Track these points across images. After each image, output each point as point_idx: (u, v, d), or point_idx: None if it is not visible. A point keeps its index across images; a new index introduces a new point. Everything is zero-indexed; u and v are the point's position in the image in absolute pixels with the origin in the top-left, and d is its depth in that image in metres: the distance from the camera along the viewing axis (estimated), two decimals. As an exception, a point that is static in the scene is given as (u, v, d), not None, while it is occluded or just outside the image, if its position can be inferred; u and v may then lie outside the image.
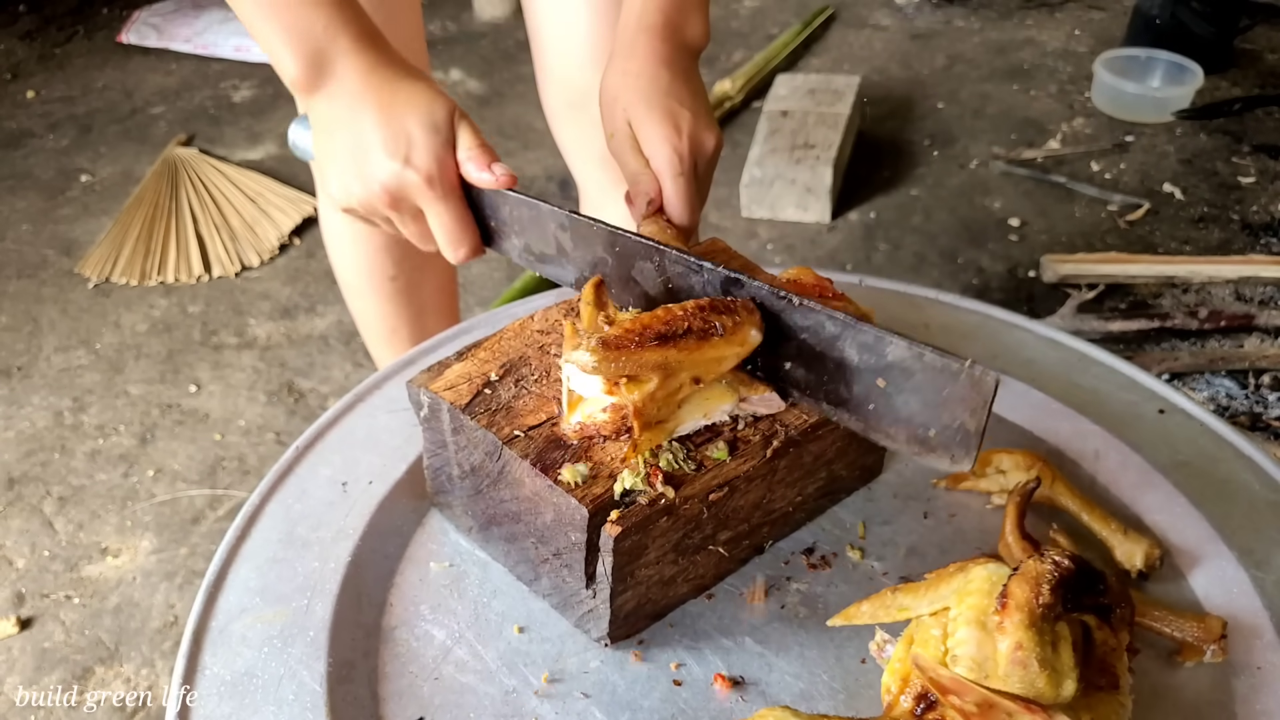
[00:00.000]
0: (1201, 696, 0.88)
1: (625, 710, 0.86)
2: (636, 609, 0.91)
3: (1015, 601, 0.76)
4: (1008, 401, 1.18)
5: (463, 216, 1.03)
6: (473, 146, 1.01)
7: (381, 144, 0.99)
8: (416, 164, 0.99)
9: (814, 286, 0.97)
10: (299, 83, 1.02)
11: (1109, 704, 0.77)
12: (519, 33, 4.13)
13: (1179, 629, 0.90)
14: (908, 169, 3.24)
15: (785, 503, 0.99)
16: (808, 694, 0.88)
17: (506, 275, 2.82)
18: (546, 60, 1.54)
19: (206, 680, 0.88)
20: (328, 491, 1.05)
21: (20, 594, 1.97)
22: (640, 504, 0.84)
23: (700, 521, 0.90)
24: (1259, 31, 3.94)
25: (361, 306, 1.81)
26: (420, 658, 0.91)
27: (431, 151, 0.99)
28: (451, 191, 1.02)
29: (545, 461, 0.87)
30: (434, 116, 0.99)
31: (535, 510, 0.89)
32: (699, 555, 0.93)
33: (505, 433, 0.89)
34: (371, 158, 1.00)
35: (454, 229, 1.03)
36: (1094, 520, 1.00)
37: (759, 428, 0.92)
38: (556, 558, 0.90)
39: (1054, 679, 0.74)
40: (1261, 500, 1.04)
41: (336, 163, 1.04)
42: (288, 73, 1.01)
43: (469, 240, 1.05)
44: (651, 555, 0.88)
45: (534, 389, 0.94)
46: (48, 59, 4.00)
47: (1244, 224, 2.95)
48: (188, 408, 2.40)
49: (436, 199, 1.01)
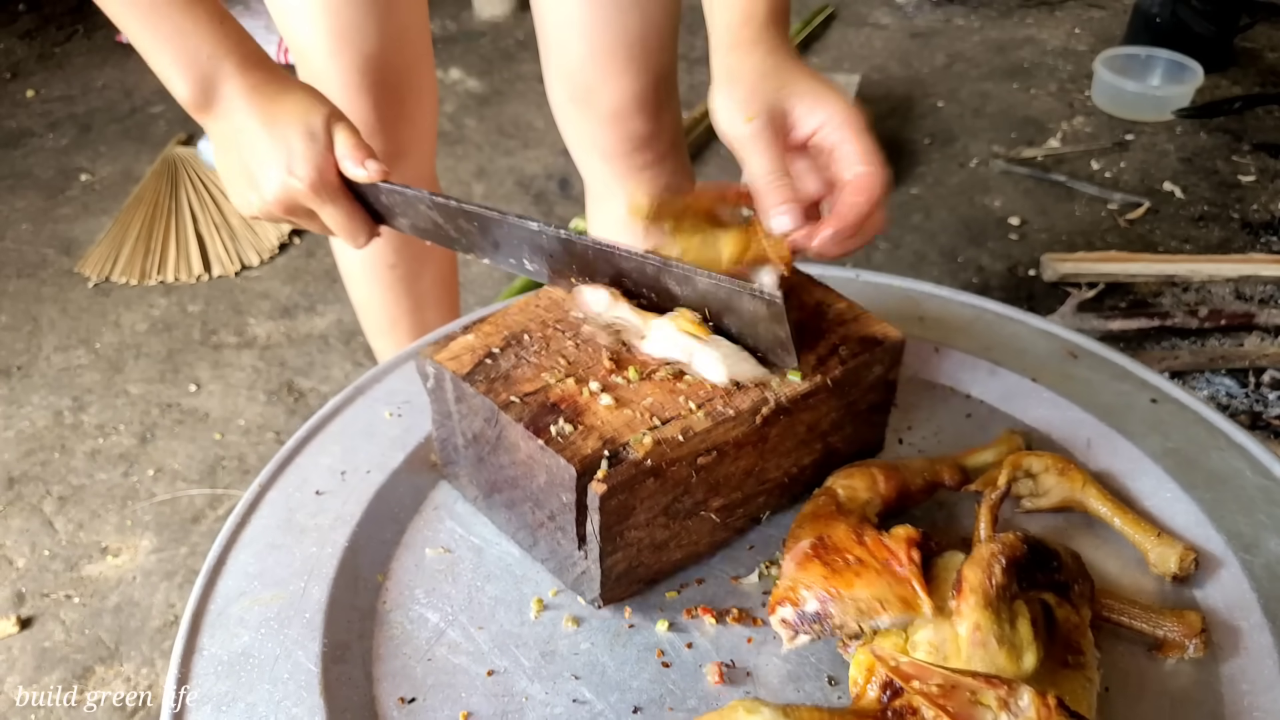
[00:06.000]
0: (1188, 679, 0.88)
1: (615, 691, 0.87)
2: (628, 571, 0.93)
3: (969, 585, 0.78)
4: (1001, 392, 1.19)
5: (350, 210, 1.10)
6: (348, 146, 1.06)
7: (266, 158, 1.06)
8: (298, 173, 1.04)
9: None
10: (190, 105, 1.07)
11: (1076, 680, 0.79)
12: (519, 32, 4.15)
13: (1158, 626, 0.90)
14: (908, 168, 3.24)
15: (780, 473, 1.00)
16: (795, 675, 0.89)
17: (506, 275, 2.83)
18: (550, 55, 1.55)
19: (204, 660, 0.89)
20: (327, 480, 1.07)
21: (20, 593, 1.97)
22: (628, 461, 0.86)
23: (689, 485, 0.91)
24: (1259, 30, 3.95)
25: (362, 296, 1.82)
26: (414, 639, 0.92)
27: (310, 159, 1.05)
28: (335, 191, 1.08)
29: (538, 425, 0.89)
30: (310, 125, 1.05)
31: (530, 474, 0.91)
32: (691, 521, 0.94)
33: (502, 399, 0.92)
34: (260, 172, 1.07)
35: (345, 223, 1.10)
36: (1126, 524, 0.99)
37: (749, 395, 0.93)
38: (551, 520, 0.92)
39: (1014, 654, 0.76)
40: (1251, 486, 1.05)
41: (233, 179, 1.11)
42: (180, 96, 1.07)
43: (362, 229, 1.12)
44: (640, 517, 0.89)
45: (532, 359, 0.96)
46: (47, 58, 4.01)
47: (1244, 223, 2.96)
48: (188, 407, 2.41)
49: (323, 201, 1.07)
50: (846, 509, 0.93)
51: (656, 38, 1.48)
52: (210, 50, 1.04)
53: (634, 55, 1.47)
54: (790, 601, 0.84)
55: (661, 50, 1.50)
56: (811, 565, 0.85)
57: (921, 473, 1.01)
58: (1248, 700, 0.86)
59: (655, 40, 1.47)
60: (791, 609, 0.84)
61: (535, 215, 3.04)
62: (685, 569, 0.99)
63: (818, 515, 0.92)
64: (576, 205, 2.98)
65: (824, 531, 0.88)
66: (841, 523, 0.89)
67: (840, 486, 0.97)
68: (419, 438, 1.11)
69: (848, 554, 0.85)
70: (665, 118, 1.56)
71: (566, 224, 2.94)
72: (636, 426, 0.89)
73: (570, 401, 0.91)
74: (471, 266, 2.85)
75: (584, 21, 1.46)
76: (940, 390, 1.21)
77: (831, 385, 0.97)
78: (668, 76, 1.55)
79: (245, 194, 1.10)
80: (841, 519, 0.90)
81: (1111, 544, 1.01)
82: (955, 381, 1.21)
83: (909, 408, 1.17)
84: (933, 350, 1.23)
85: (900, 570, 0.82)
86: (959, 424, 1.16)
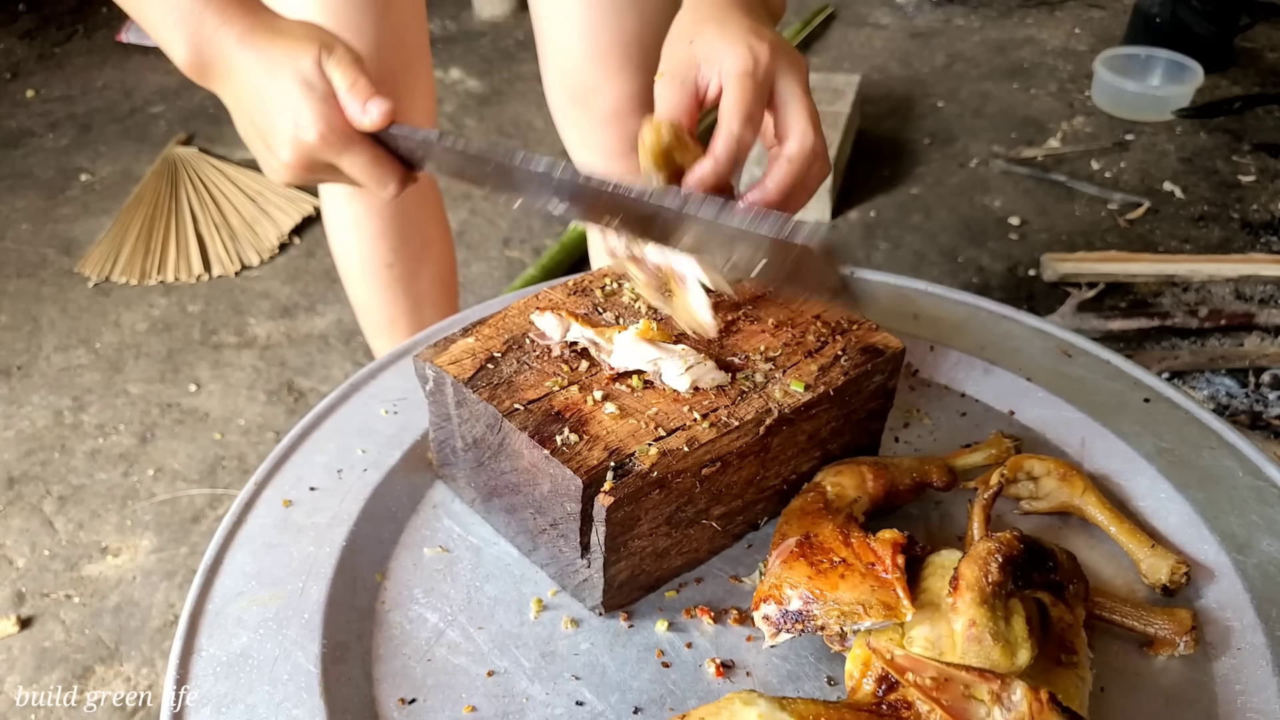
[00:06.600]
0: (1182, 678, 0.89)
1: (615, 691, 0.88)
2: (630, 579, 0.93)
3: (965, 581, 0.78)
4: (997, 390, 1.19)
5: (373, 157, 1.01)
6: (347, 89, 0.98)
7: (272, 117, 0.98)
8: (306, 127, 0.97)
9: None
10: (192, 71, 1.01)
11: (1069, 678, 0.80)
12: (518, 31, 4.15)
13: (1149, 623, 0.91)
14: (908, 168, 3.25)
15: (779, 480, 1.00)
16: (794, 675, 0.89)
17: (506, 274, 2.83)
18: (548, 56, 1.56)
19: (203, 661, 0.89)
20: (323, 478, 1.06)
21: (20, 593, 1.98)
22: (634, 473, 0.86)
23: (693, 495, 0.91)
24: (1259, 30, 3.95)
25: (360, 294, 1.82)
26: (413, 640, 0.92)
27: (314, 109, 0.97)
28: (349, 139, 0.99)
29: (543, 434, 0.88)
30: (304, 72, 0.97)
31: (533, 481, 0.91)
32: (692, 529, 0.95)
33: (505, 406, 0.91)
34: (272, 135, 1.00)
35: (370, 171, 1.01)
36: (1121, 533, 1.00)
37: (752, 405, 0.93)
38: (553, 528, 0.91)
39: (1008, 650, 0.76)
40: (1244, 486, 1.05)
41: (255, 147, 1.04)
42: (180, 62, 1.01)
43: (391, 176, 1.03)
44: (644, 527, 0.89)
45: (535, 364, 0.96)
46: (47, 58, 4.01)
47: (1244, 222, 2.96)
48: (187, 407, 2.41)
49: (340, 152, 0.99)
50: (834, 507, 0.94)
51: (654, 38, 1.48)
52: (191, 3, 0.98)
53: (632, 55, 1.48)
54: (774, 599, 0.85)
55: (659, 50, 1.50)
56: (797, 564, 0.85)
57: (910, 472, 1.01)
58: (1241, 700, 0.86)
59: (653, 40, 1.48)
60: (775, 607, 0.84)
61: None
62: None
63: (805, 512, 0.92)
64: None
65: (811, 529, 0.88)
66: (828, 522, 0.89)
67: (829, 484, 0.97)
68: (415, 435, 1.11)
69: (833, 555, 0.85)
70: (663, 118, 1.57)
71: (566, 223, 2.95)
72: (641, 437, 0.89)
73: (574, 410, 0.91)
74: (471, 266, 2.85)
75: (582, 22, 1.46)
76: (935, 388, 1.21)
77: (833, 395, 0.97)
78: (666, 77, 1.55)
79: (267, 160, 1.03)
80: (829, 518, 0.90)
81: (1105, 544, 1.01)
82: (950, 380, 1.21)
83: (904, 406, 1.18)
84: (928, 349, 1.23)
85: (884, 575, 0.83)
86: (953, 422, 1.17)
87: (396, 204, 1.69)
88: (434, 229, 1.82)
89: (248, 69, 0.99)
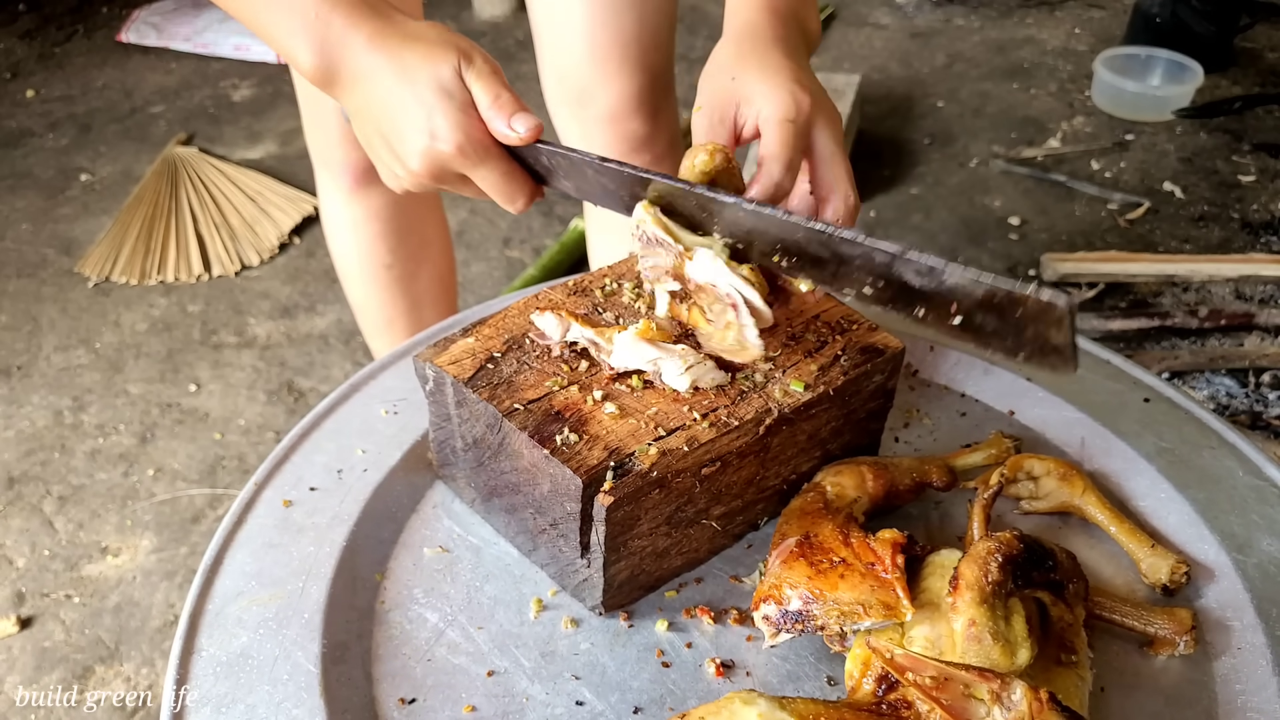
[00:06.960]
0: (1182, 677, 0.89)
1: (615, 691, 0.88)
2: (630, 579, 0.93)
3: (965, 581, 0.79)
4: (996, 390, 1.19)
5: (506, 171, 0.99)
6: (490, 103, 0.96)
7: (404, 126, 0.97)
8: (442, 137, 0.95)
9: None
10: (318, 78, 0.99)
11: (1069, 677, 0.80)
12: (518, 32, 4.15)
13: (1149, 623, 0.91)
14: (908, 168, 3.25)
15: (779, 480, 1.00)
16: (794, 675, 0.89)
17: (506, 274, 2.83)
18: (546, 56, 1.56)
19: (203, 661, 0.89)
20: (323, 478, 1.06)
21: (20, 593, 1.98)
22: (634, 473, 0.86)
23: (693, 495, 0.91)
24: (1259, 30, 3.95)
25: (359, 295, 1.82)
26: (413, 640, 0.92)
27: (451, 119, 0.94)
28: (486, 152, 0.97)
29: (543, 434, 0.88)
30: (442, 81, 0.94)
31: (533, 481, 0.91)
32: (692, 529, 0.95)
33: (505, 406, 0.91)
34: (401, 143, 0.98)
35: (501, 185, 1.00)
36: (1122, 533, 1.00)
37: (752, 405, 0.93)
38: (553, 528, 0.91)
39: (1008, 649, 0.76)
40: (1244, 485, 1.05)
41: (377, 153, 1.02)
42: (305, 69, 0.99)
43: (521, 191, 1.01)
44: (644, 526, 0.89)
45: (535, 364, 0.96)
46: (47, 58, 4.01)
47: (1244, 222, 2.96)
48: (187, 407, 2.41)
49: (474, 164, 0.97)
50: (834, 507, 0.94)
51: (652, 38, 1.48)
52: (317, 7, 0.96)
53: (630, 56, 1.48)
54: (774, 599, 0.85)
55: (657, 51, 1.50)
56: (797, 564, 0.85)
57: (910, 472, 1.02)
58: (1241, 700, 0.86)
59: (651, 41, 1.48)
60: (775, 607, 0.84)
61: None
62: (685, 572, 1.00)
63: (805, 512, 0.92)
64: (576, 206, 2.98)
65: (810, 529, 0.88)
66: (828, 521, 0.89)
67: (829, 483, 0.97)
68: (415, 435, 1.11)
69: (833, 555, 0.85)
70: (662, 118, 1.57)
71: (566, 223, 2.95)
72: (641, 436, 0.89)
73: (574, 409, 0.91)
74: (471, 266, 2.85)
75: (580, 23, 1.46)
76: (935, 388, 1.21)
77: (833, 395, 0.97)
78: (664, 77, 1.55)
79: (390, 166, 1.01)
80: (828, 517, 0.90)
81: (1105, 544, 1.01)
82: (950, 380, 1.21)
83: (904, 405, 1.18)
84: (928, 349, 1.23)
85: (884, 575, 0.83)
86: (953, 422, 1.17)
87: (395, 205, 1.69)
88: (432, 230, 1.82)
89: (377, 74, 0.96)
